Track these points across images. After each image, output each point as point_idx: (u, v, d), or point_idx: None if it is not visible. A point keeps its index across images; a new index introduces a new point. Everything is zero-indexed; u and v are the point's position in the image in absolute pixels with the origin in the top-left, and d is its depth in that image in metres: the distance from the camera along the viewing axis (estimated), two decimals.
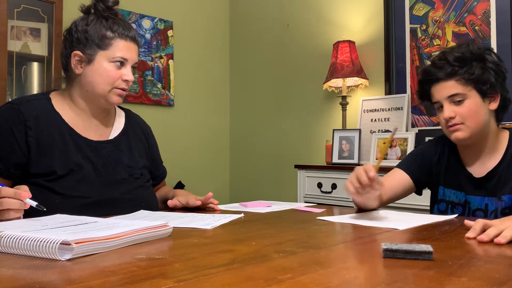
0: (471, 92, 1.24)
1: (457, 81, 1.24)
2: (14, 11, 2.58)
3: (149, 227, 0.84)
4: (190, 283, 0.56)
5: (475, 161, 1.32)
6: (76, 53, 1.24)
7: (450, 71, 1.24)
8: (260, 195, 3.45)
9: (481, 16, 2.48)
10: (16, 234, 0.72)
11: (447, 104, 1.26)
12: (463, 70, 1.23)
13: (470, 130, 1.25)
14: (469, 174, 1.32)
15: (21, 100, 1.26)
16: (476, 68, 1.23)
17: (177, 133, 3.59)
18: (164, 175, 1.53)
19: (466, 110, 1.24)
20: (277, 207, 1.38)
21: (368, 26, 2.98)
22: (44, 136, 1.21)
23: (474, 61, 1.23)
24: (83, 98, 1.28)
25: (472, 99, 1.24)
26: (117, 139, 1.34)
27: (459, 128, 1.25)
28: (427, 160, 1.40)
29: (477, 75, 1.22)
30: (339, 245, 0.84)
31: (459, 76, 1.23)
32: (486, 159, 1.30)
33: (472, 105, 1.24)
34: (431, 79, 1.29)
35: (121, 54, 1.25)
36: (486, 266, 0.67)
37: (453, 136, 1.27)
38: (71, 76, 1.29)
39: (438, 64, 1.28)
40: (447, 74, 1.25)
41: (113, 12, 1.28)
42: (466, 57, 1.24)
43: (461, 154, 1.36)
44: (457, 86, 1.24)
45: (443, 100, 1.26)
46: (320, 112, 3.25)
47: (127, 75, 1.26)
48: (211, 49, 3.87)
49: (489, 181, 1.28)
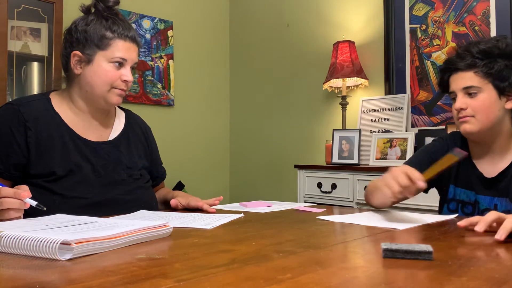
0: (487, 86, 1.21)
1: (476, 73, 1.22)
2: (14, 11, 2.58)
3: (149, 227, 0.84)
4: (190, 283, 0.56)
5: (486, 160, 1.30)
6: (75, 53, 1.24)
7: (470, 62, 1.22)
8: (260, 195, 3.45)
9: (481, 16, 2.48)
10: (16, 234, 0.72)
11: (461, 95, 1.24)
12: (483, 63, 1.21)
13: (479, 124, 1.23)
14: (480, 174, 1.30)
15: (21, 100, 1.25)
16: (498, 64, 1.20)
17: (177, 133, 3.59)
18: (163, 176, 1.53)
19: (478, 103, 1.22)
20: (277, 207, 1.38)
21: (368, 26, 2.98)
22: (44, 137, 1.21)
23: (500, 57, 1.21)
24: (83, 99, 1.28)
25: (487, 93, 1.21)
26: (117, 140, 1.34)
27: (469, 121, 1.24)
28: (437, 159, 1.38)
29: (496, 70, 1.20)
30: (339, 245, 0.84)
31: (477, 69, 1.21)
32: (497, 159, 1.28)
33: (486, 99, 1.21)
34: (450, 68, 1.27)
35: (120, 55, 1.24)
36: (486, 266, 0.67)
37: (462, 127, 1.26)
38: (71, 76, 1.29)
39: (461, 54, 1.25)
40: (466, 65, 1.23)
41: (113, 12, 1.27)
42: (491, 51, 1.21)
43: (472, 152, 1.33)
44: (474, 78, 1.22)
45: (458, 90, 1.25)
46: (320, 112, 3.25)
47: (126, 76, 1.26)
48: (211, 49, 3.87)
49: (500, 181, 1.26)
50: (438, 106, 2.64)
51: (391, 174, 1.08)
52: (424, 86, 2.70)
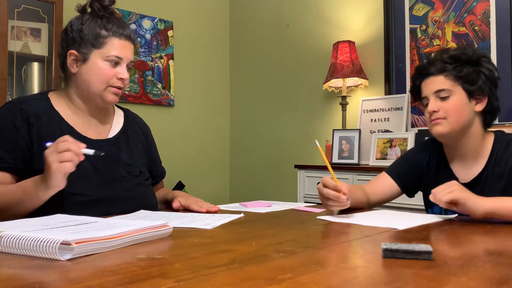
0: (457, 89, 1.26)
1: (446, 76, 1.27)
2: (14, 11, 2.58)
3: (149, 227, 0.84)
4: (190, 283, 0.56)
5: (461, 164, 1.33)
6: (71, 52, 1.25)
7: (440, 67, 1.28)
8: (260, 195, 3.45)
9: (481, 16, 2.48)
10: (16, 234, 0.72)
11: (433, 99, 1.29)
12: (452, 67, 1.26)
13: (450, 126, 1.26)
14: (456, 179, 1.30)
15: (21, 99, 1.27)
16: (467, 68, 1.26)
17: (177, 133, 3.59)
18: (163, 174, 1.53)
19: (450, 105, 1.26)
20: (277, 207, 1.38)
21: (368, 26, 2.98)
22: (45, 133, 1.21)
23: (467, 63, 1.26)
24: (80, 97, 1.29)
25: (458, 96, 1.26)
26: (116, 138, 1.35)
27: (440, 123, 1.27)
28: (417, 165, 1.41)
29: (466, 73, 1.25)
30: (339, 245, 0.84)
31: (448, 72, 1.27)
32: (471, 163, 1.31)
33: (457, 102, 1.26)
34: (422, 73, 1.33)
35: (115, 53, 1.25)
36: (486, 266, 0.67)
37: (434, 129, 1.29)
38: (68, 75, 1.29)
39: (431, 60, 1.32)
40: (437, 69, 1.28)
41: (109, 11, 1.28)
42: (460, 57, 1.27)
43: (448, 157, 1.36)
44: (445, 82, 1.27)
45: (430, 94, 1.29)
46: (320, 112, 3.25)
47: (122, 74, 1.26)
48: (211, 49, 3.87)
49: (474, 187, 1.25)
50: None
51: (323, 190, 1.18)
52: None
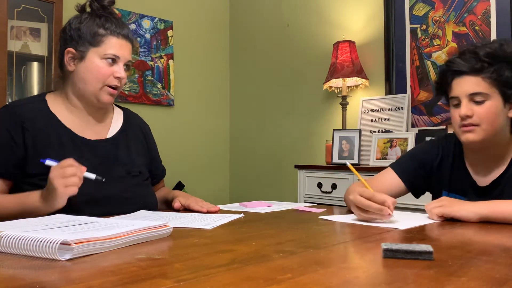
0: (494, 93, 1.15)
1: (484, 79, 1.14)
2: (14, 11, 2.58)
3: (149, 227, 0.84)
4: (190, 283, 0.56)
5: (481, 168, 1.25)
6: (69, 50, 1.25)
7: (477, 66, 1.14)
8: (260, 195, 3.45)
9: (481, 16, 2.47)
10: (16, 234, 0.72)
11: (466, 101, 1.17)
12: (492, 69, 1.13)
13: (484, 134, 1.16)
14: (474, 183, 1.26)
15: (16, 103, 1.28)
16: (506, 70, 1.14)
17: (177, 133, 3.59)
18: (163, 174, 1.53)
19: (485, 111, 1.15)
20: (277, 207, 1.38)
21: (368, 26, 2.98)
22: (41, 137, 1.22)
23: (505, 62, 1.14)
24: (77, 96, 1.29)
25: (494, 101, 1.15)
26: (115, 138, 1.34)
27: (473, 130, 1.17)
28: (427, 164, 1.32)
29: (506, 77, 1.14)
30: (339, 245, 0.84)
31: (486, 74, 1.14)
32: (492, 167, 1.23)
33: (493, 107, 1.15)
34: (455, 70, 1.18)
35: (112, 51, 1.25)
36: (486, 266, 0.67)
37: (464, 137, 1.19)
38: (66, 74, 1.30)
39: (467, 56, 1.17)
40: (474, 69, 1.15)
41: (108, 11, 1.29)
42: (498, 55, 1.14)
43: (467, 159, 1.28)
44: (482, 85, 1.14)
45: (463, 96, 1.17)
46: (320, 112, 3.25)
47: (119, 72, 1.26)
48: (211, 49, 3.87)
49: (492, 190, 1.22)
50: (438, 106, 2.64)
51: (354, 200, 1.08)
52: (425, 86, 2.70)
